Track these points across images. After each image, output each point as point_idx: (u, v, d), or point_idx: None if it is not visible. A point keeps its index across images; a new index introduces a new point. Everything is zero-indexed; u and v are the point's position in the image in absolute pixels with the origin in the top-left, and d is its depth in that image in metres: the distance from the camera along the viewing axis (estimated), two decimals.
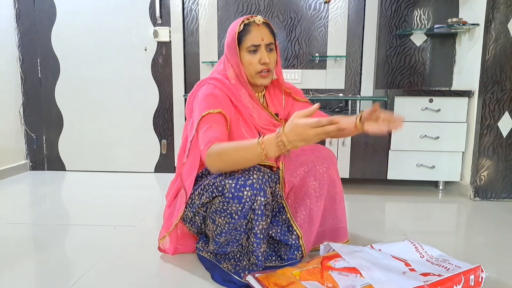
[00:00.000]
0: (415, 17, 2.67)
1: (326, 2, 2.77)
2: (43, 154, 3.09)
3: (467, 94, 2.37)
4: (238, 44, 1.36)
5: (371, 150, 2.49)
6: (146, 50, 2.92)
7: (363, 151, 2.49)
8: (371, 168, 2.50)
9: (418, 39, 2.70)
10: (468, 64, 2.49)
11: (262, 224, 1.27)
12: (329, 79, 2.86)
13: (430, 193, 2.51)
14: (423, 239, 1.52)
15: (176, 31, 2.86)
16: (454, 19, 2.41)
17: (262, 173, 1.26)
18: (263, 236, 1.29)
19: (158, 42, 2.91)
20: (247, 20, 1.37)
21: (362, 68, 2.82)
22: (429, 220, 2.04)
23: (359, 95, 2.84)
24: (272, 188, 1.35)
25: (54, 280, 1.30)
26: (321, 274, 1.19)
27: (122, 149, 3.04)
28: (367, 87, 2.82)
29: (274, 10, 2.81)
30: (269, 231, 1.39)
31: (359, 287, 1.12)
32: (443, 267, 1.26)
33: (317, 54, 2.83)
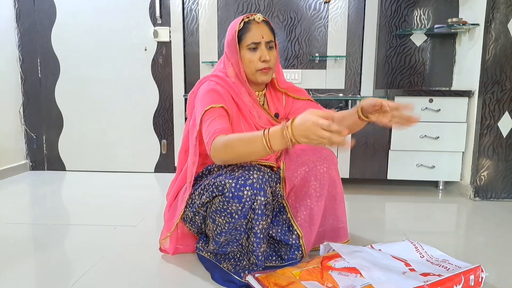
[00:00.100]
0: (415, 17, 2.67)
1: (326, 2, 2.77)
2: (43, 154, 3.09)
3: (467, 94, 2.37)
4: (238, 42, 1.36)
5: (371, 150, 2.49)
6: (146, 50, 2.92)
7: (363, 151, 2.49)
8: (371, 168, 2.50)
9: (418, 39, 2.70)
10: (468, 64, 2.49)
11: (262, 224, 1.27)
12: (329, 79, 2.86)
13: (430, 193, 2.51)
14: (423, 239, 1.52)
15: (176, 31, 2.86)
16: (454, 19, 2.41)
17: (262, 172, 1.26)
18: (263, 236, 1.29)
19: (158, 42, 2.91)
20: (247, 18, 1.37)
21: (362, 68, 2.82)
22: (429, 220, 2.04)
23: (359, 95, 2.84)
24: (272, 187, 1.35)
25: (54, 280, 1.30)
26: (321, 274, 1.19)
27: (122, 149, 3.04)
28: (367, 87, 2.82)
29: (274, 10, 2.81)
30: (269, 231, 1.39)
31: (359, 287, 1.12)
32: (443, 267, 1.26)
33: (317, 54, 2.83)
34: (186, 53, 2.92)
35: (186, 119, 2.92)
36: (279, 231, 1.40)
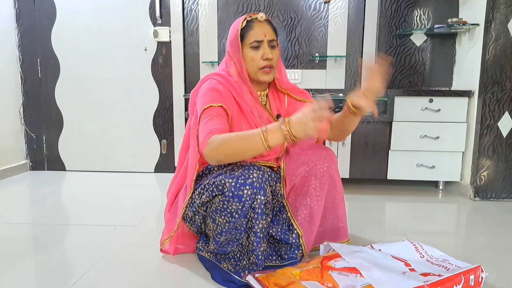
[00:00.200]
0: (415, 17, 2.67)
1: (326, 2, 2.77)
2: (43, 154, 3.09)
3: (467, 94, 2.37)
4: (240, 40, 1.36)
5: (371, 150, 2.49)
6: (146, 50, 2.92)
7: (363, 151, 2.49)
8: (371, 168, 2.50)
9: (418, 39, 2.70)
10: (468, 64, 2.49)
11: (262, 223, 1.27)
12: (329, 79, 2.86)
13: (430, 193, 2.51)
14: (423, 239, 1.52)
15: (176, 31, 2.86)
16: (454, 19, 2.41)
17: (262, 171, 1.26)
18: (263, 235, 1.29)
19: (158, 42, 2.91)
20: (249, 17, 1.37)
21: (362, 68, 2.82)
22: (429, 220, 2.04)
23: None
24: (272, 187, 1.35)
25: (54, 280, 1.30)
26: (321, 274, 1.19)
27: (122, 149, 3.04)
28: None
29: (274, 10, 2.81)
30: (269, 230, 1.39)
31: (359, 287, 1.12)
32: (443, 267, 1.26)
33: (317, 54, 2.83)
34: (186, 53, 2.92)
35: (186, 119, 2.94)
36: (279, 230, 1.40)
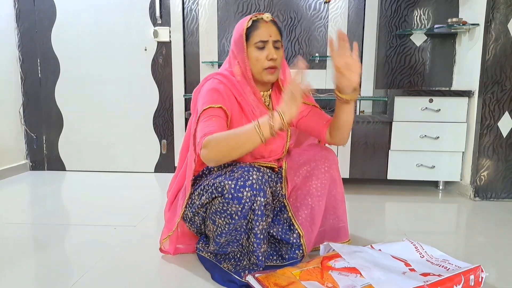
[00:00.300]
0: (415, 17, 2.67)
1: (326, 2, 2.77)
2: (43, 154, 3.09)
3: (467, 94, 2.36)
4: (245, 40, 1.36)
5: (371, 150, 2.49)
6: (146, 50, 2.92)
7: (363, 151, 2.49)
8: (371, 168, 2.50)
9: (418, 39, 2.70)
10: (468, 64, 2.49)
11: (262, 225, 1.27)
12: (329, 79, 2.85)
13: (430, 193, 2.51)
14: (423, 239, 1.52)
15: (176, 31, 2.86)
16: (454, 19, 2.41)
17: (262, 173, 1.26)
18: (264, 236, 1.29)
19: (158, 42, 2.90)
20: (255, 17, 1.37)
21: (362, 68, 2.82)
22: (429, 220, 2.04)
23: (359, 95, 2.84)
24: (272, 188, 1.35)
25: (54, 280, 1.30)
26: (321, 274, 1.19)
27: (122, 149, 3.04)
28: (367, 87, 2.82)
29: (274, 10, 2.81)
30: (270, 230, 1.39)
31: (359, 287, 1.12)
32: (443, 267, 1.26)
33: (317, 54, 2.83)
34: (186, 53, 2.92)
35: (186, 119, 2.94)
36: (280, 230, 1.40)
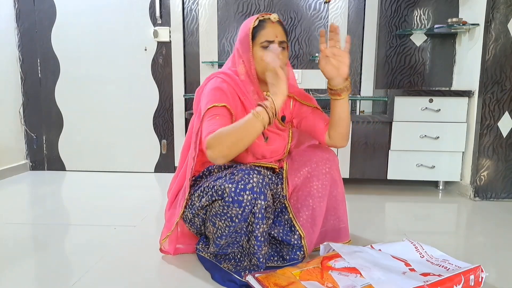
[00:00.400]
0: (415, 17, 2.67)
1: (326, 2, 2.77)
2: (43, 154, 3.09)
3: (467, 94, 2.36)
4: (251, 39, 1.36)
5: (371, 150, 2.49)
6: (146, 50, 2.92)
7: (363, 151, 2.49)
8: (371, 168, 2.50)
9: (418, 39, 2.70)
10: (468, 64, 2.49)
11: (263, 227, 1.27)
12: None
13: (430, 193, 2.51)
14: (423, 239, 1.52)
15: (176, 31, 2.86)
16: (454, 19, 2.41)
17: (262, 176, 1.26)
18: (264, 239, 1.29)
19: (158, 42, 2.90)
20: (262, 17, 1.37)
21: (362, 68, 2.82)
22: (429, 220, 2.04)
23: (359, 95, 2.84)
24: (272, 190, 1.35)
25: (54, 280, 1.30)
26: (321, 274, 1.19)
27: (122, 149, 3.04)
28: (367, 87, 2.82)
29: (274, 10, 2.81)
30: (271, 231, 1.39)
31: (359, 287, 1.12)
32: (443, 267, 1.26)
33: (317, 54, 2.82)
34: (186, 53, 2.92)
35: (186, 119, 2.94)
36: (280, 231, 1.40)
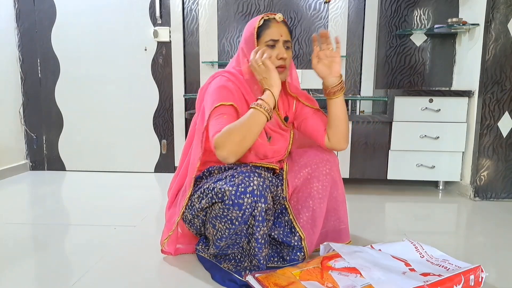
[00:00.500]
0: (415, 17, 2.67)
1: (326, 2, 2.77)
2: (43, 154, 3.09)
3: (467, 94, 2.36)
4: (256, 38, 1.36)
5: (371, 150, 2.49)
6: (146, 50, 2.92)
7: (363, 151, 2.49)
8: (371, 168, 2.50)
9: (418, 39, 2.70)
10: (468, 64, 2.49)
11: (264, 230, 1.26)
12: None
13: (430, 193, 2.51)
14: (423, 239, 1.52)
15: (176, 31, 2.86)
16: (454, 19, 2.41)
17: (263, 178, 1.25)
18: (265, 241, 1.29)
19: (158, 42, 2.90)
20: (267, 16, 1.38)
21: (362, 68, 2.82)
22: (429, 220, 2.04)
23: (359, 95, 2.84)
24: (273, 192, 1.35)
25: (54, 280, 1.30)
26: (321, 274, 1.19)
27: (122, 149, 3.04)
28: (367, 87, 2.82)
29: (274, 10, 2.81)
30: (271, 233, 1.38)
31: (359, 287, 1.12)
32: (443, 267, 1.26)
33: None
34: (186, 53, 2.92)
35: (186, 119, 2.94)
36: (281, 232, 1.39)
